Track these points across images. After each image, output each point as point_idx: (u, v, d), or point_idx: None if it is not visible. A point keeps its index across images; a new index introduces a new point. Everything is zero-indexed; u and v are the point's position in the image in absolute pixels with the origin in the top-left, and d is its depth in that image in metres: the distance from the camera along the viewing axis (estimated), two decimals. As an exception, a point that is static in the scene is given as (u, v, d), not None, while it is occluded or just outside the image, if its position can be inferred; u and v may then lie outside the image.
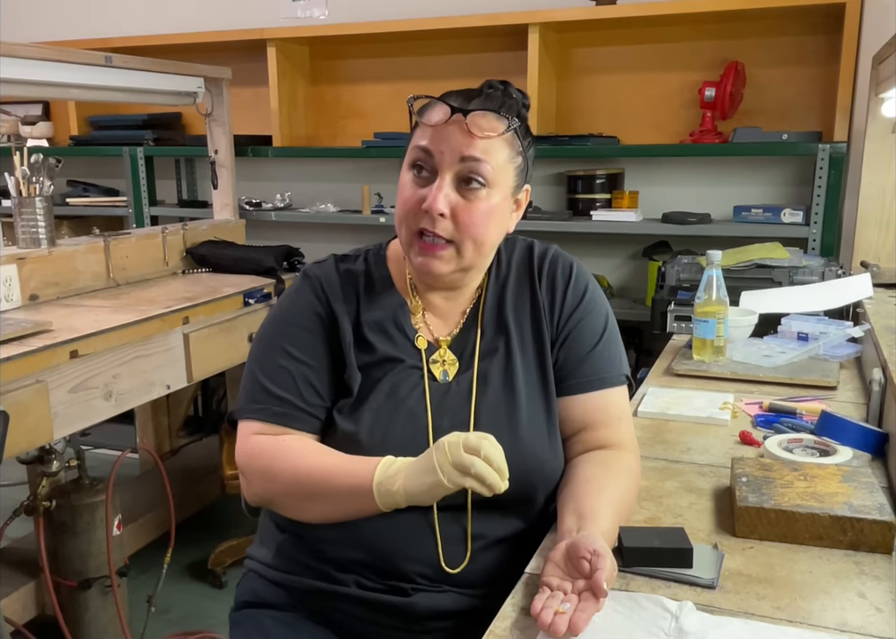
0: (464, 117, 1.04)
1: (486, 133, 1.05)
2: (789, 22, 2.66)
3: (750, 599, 0.91)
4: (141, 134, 3.33)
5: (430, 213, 1.05)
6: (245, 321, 2.43)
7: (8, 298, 2.11)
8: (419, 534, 1.07)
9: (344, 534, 1.08)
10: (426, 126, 1.07)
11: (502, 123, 1.07)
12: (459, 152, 1.05)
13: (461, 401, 1.11)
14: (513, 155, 1.09)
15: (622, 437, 1.16)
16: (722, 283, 1.73)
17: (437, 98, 1.08)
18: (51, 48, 2.30)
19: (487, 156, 1.05)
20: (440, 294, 1.18)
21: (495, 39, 2.97)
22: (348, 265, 1.19)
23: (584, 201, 2.86)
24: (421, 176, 1.08)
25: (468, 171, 1.05)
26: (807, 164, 2.67)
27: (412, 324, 1.16)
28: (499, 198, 1.09)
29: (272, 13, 3.25)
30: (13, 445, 1.65)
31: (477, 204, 1.06)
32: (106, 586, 2.17)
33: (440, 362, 1.15)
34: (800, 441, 1.29)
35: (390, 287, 1.18)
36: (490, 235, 1.10)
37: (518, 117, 1.09)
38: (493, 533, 1.10)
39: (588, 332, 1.17)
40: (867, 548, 1.01)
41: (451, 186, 1.06)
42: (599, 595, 0.86)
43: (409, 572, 1.07)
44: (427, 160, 1.07)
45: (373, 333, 1.14)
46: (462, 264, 1.10)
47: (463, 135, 1.04)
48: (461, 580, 1.08)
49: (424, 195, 1.06)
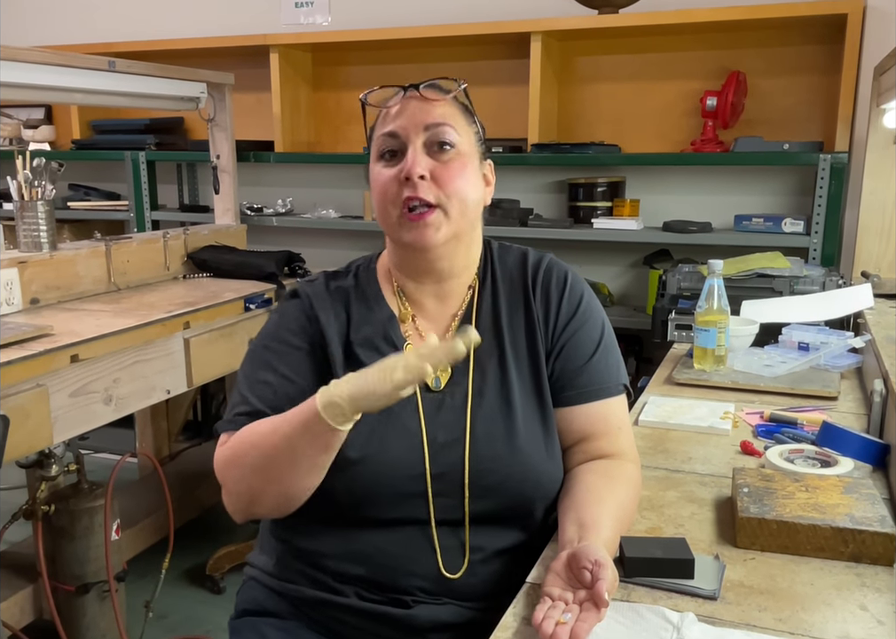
0: (416, 90, 1.11)
1: (440, 96, 1.11)
2: (791, 32, 2.67)
3: (751, 611, 0.91)
4: (143, 138, 3.34)
5: (411, 178, 1.07)
6: (245, 327, 2.42)
7: (9, 302, 2.11)
8: (417, 549, 1.07)
9: (343, 549, 1.08)
10: (385, 117, 1.12)
11: (451, 88, 1.14)
12: (422, 121, 1.10)
13: (456, 414, 1.10)
14: (469, 121, 1.14)
15: (622, 447, 1.15)
16: (723, 292, 1.73)
17: (392, 85, 1.14)
18: (54, 52, 2.30)
19: (448, 119, 1.10)
20: (429, 290, 1.16)
21: (498, 47, 2.98)
22: (338, 282, 1.19)
23: (585, 209, 2.87)
24: (394, 158, 1.11)
25: (436, 138, 1.09)
26: (808, 174, 2.68)
27: (402, 333, 1.15)
28: (472, 164, 1.12)
29: (275, 19, 3.26)
30: (13, 448, 1.64)
31: (452, 164, 1.09)
32: (104, 591, 2.17)
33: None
34: (801, 452, 1.29)
35: (380, 301, 1.17)
36: (471, 195, 1.11)
37: (464, 93, 1.15)
38: (492, 546, 1.09)
39: (584, 342, 1.16)
40: (868, 560, 1.01)
41: (424, 153, 1.09)
42: (600, 604, 0.86)
43: (408, 586, 1.07)
44: (394, 142, 1.10)
45: (363, 350, 1.13)
46: (452, 228, 1.10)
47: (421, 105, 1.11)
48: (461, 592, 1.08)
49: (400, 169, 1.09)
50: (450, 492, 1.07)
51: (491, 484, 1.07)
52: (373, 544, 1.07)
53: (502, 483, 1.08)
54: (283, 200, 3.29)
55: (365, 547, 1.07)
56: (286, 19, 3.26)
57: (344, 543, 1.08)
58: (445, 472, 1.07)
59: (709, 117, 2.67)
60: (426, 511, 1.07)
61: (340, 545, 1.08)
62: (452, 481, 1.07)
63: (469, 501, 1.07)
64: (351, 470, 1.04)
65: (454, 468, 1.07)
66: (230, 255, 2.78)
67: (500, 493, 1.08)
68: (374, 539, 1.06)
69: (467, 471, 1.07)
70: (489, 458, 1.08)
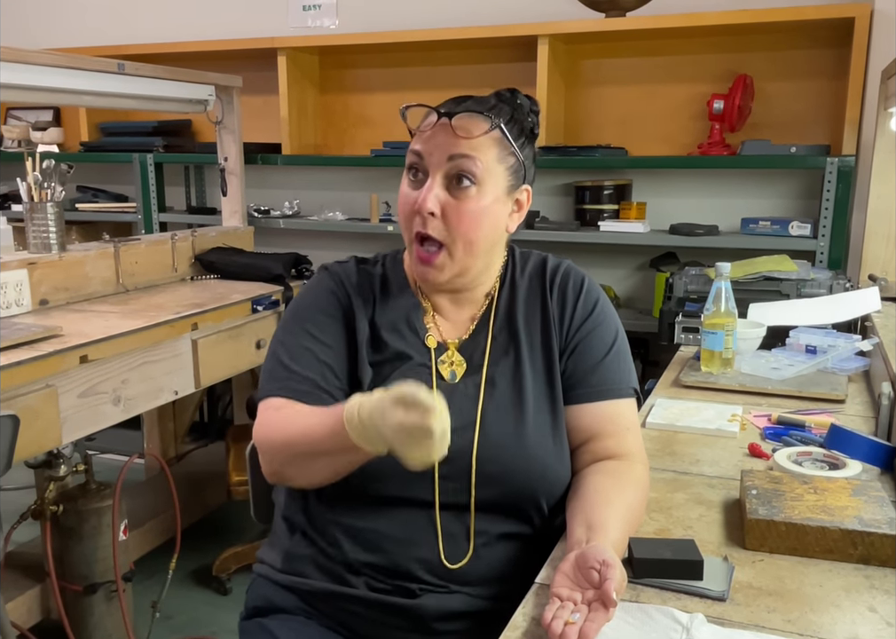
0: (449, 120, 1.10)
1: (471, 133, 1.09)
2: (798, 36, 2.67)
3: (760, 612, 0.91)
4: (151, 141, 3.35)
5: (420, 212, 1.10)
6: (253, 328, 2.43)
7: (18, 303, 2.12)
8: (421, 531, 1.09)
9: (353, 535, 1.10)
10: (418, 132, 1.13)
11: (487, 123, 1.11)
12: (446, 151, 1.10)
13: (469, 403, 1.13)
14: (503, 155, 1.12)
15: (630, 448, 1.16)
16: (731, 295, 1.73)
17: (428, 106, 1.14)
18: (64, 55, 2.32)
19: (474, 153, 1.10)
20: (445, 296, 1.21)
21: (504, 50, 2.98)
22: (367, 267, 1.23)
23: (591, 212, 2.87)
24: (417, 178, 1.13)
25: (457, 169, 1.10)
26: (815, 177, 2.68)
27: (424, 323, 1.19)
28: (491, 198, 1.12)
29: (283, 22, 3.27)
30: (22, 449, 1.65)
31: (467, 203, 1.10)
32: (112, 591, 2.18)
33: (448, 363, 1.17)
34: (809, 454, 1.29)
35: (406, 290, 1.21)
36: (480, 235, 1.12)
37: (514, 120, 1.13)
38: (495, 530, 1.11)
39: (598, 343, 1.18)
40: (877, 562, 1.01)
41: (442, 186, 1.10)
42: (609, 604, 0.86)
43: (413, 570, 1.08)
44: (419, 163, 1.12)
45: (387, 332, 1.17)
46: (455, 269, 1.13)
47: (449, 136, 1.10)
48: (466, 578, 1.09)
49: (417, 197, 1.11)
50: (456, 476, 1.09)
51: (496, 471, 1.09)
52: (381, 526, 1.09)
53: (508, 470, 1.09)
54: (290, 202, 3.30)
55: (374, 527, 1.09)
56: (293, 22, 3.27)
57: (354, 525, 1.10)
58: (453, 456, 1.07)
59: (716, 120, 2.68)
60: (431, 493, 1.09)
61: (350, 528, 1.10)
62: (460, 466, 1.09)
63: (476, 487, 1.09)
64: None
65: (462, 452, 1.09)
66: (237, 256, 2.79)
67: (505, 481, 1.10)
68: (382, 520, 1.08)
69: (475, 457, 1.09)
70: (496, 445, 1.10)
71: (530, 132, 1.17)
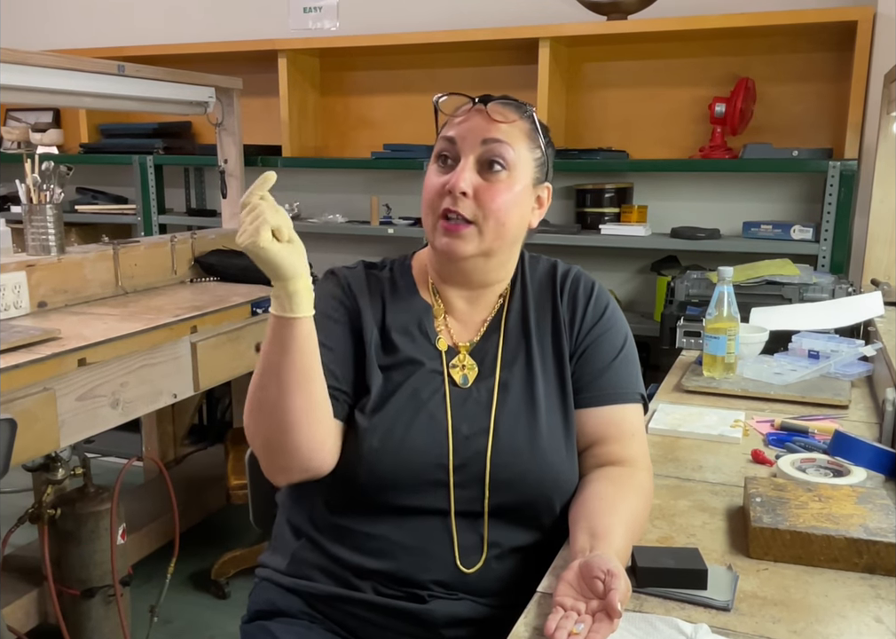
0: (485, 106, 1.12)
1: (507, 117, 1.11)
2: (800, 39, 2.66)
3: (765, 622, 0.90)
4: (151, 143, 3.35)
5: (453, 192, 1.09)
6: (252, 331, 2.42)
7: (17, 305, 2.11)
8: (435, 540, 1.08)
9: (363, 540, 1.09)
10: (451, 119, 1.14)
11: (520, 112, 1.13)
12: (481, 135, 1.10)
13: (482, 408, 1.12)
14: (532, 147, 1.14)
15: (634, 454, 1.16)
16: (733, 299, 1.72)
17: (466, 94, 1.15)
18: (64, 56, 2.31)
19: (508, 139, 1.10)
20: (462, 294, 1.19)
21: (505, 53, 2.98)
22: (375, 272, 1.22)
23: (592, 215, 2.86)
24: (446, 165, 1.13)
25: (490, 153, 1.10)
26: (818, 181, 2.67)
27: (435, 327, 1.18)
28: (521, 186, 1.12)
29: (284, 24, 3.26)
30: (20, 452, 1.64)
31: (499, 186, 1.10)
32: (109, 595, 2.17)
33: (459, 367, 1.16)
34: (813, 461, 1.28)
35: (415, 294, 1.21)
36: (511, 218, 1.12)
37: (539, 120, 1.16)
38: (509, 543, 1.10)
39: (606, 347, 1.18)
40: (883, 572, 1.00)
41: (474, 169, 1.10)
42: (613, 615, 0.85)
43: (425, 580, 1.07)
44: (451, 148, 1.12)
45: (397, 334, 1.16)
46: (483, 246, 1.12)
47: (485, 121, 1.11)
48: (476, 587, 1.08)
49: (447, 180, 1.10)
50: (471, 483, 1.08)
51: (510, 477, 1.09)
52: (393, 534, 1.08)
53: (522, 477, 1.09)
54: (290, 204, 3.28)
55: (386, 536, 1.08)
56: (294, 24, 3.26)
57: (364, 534, 1.09)
58: (467, 463, 1.09)
59: (717, 124, 2.67)
60: (447, 501, 1.08)
61: (360, 536, 1.09)
62: (474, 473, 1.08)
63: (490, 494, 1.08)
64: (375, 454, 1.06)
65: (476, 459, 1.09)
66: (237, 259, 2.77)
67: (519, 487, 1.09)
68: (394, 529, 1.07)
69: (489, 463, 1.09)
70: (510, 451, 1.10)
71: (549, 135, 1.19)
